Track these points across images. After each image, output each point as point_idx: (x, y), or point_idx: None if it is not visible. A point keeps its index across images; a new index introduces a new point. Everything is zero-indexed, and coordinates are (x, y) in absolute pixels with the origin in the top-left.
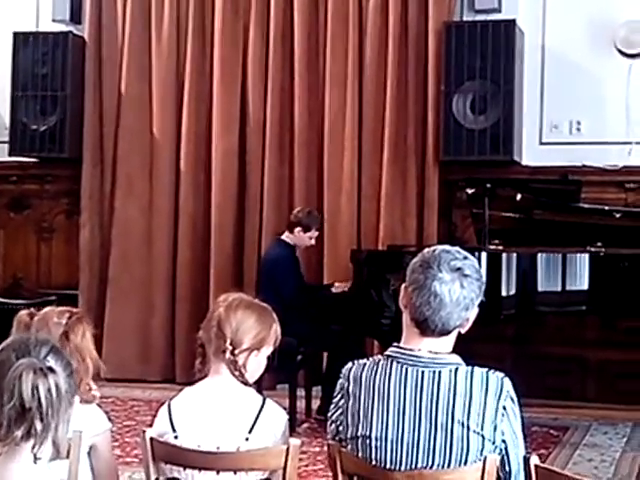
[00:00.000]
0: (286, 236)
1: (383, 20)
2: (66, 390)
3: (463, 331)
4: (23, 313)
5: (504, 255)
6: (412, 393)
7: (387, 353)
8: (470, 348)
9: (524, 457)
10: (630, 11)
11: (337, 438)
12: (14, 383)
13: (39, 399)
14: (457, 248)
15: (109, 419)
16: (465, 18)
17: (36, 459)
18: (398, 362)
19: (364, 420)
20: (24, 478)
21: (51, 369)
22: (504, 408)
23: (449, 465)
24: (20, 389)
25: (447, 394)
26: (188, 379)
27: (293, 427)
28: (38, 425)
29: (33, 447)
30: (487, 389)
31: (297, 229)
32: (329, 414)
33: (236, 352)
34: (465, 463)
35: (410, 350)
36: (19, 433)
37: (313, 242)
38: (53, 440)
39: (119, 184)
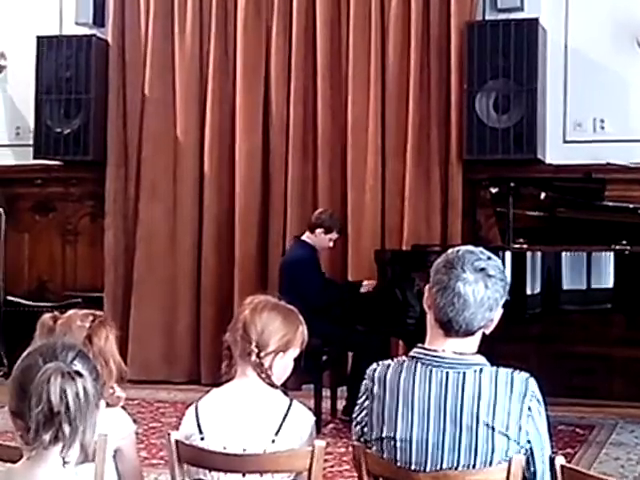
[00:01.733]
0: (307, 236)
1: (405, 19)
2: (93, 394)
3: (487, 332)
4: (47, 317)
5: (528, 254)
6: (437, 394)
7: (411, 354)
8: (495, 347)
9: (550, 457)
10: None
11: (362, 439)
12: (42, 387)
13: (67, 403)
14: (481, 248)
15: (134, 421)
16: (487, 17)
17: (65, 463)
18: (422, 363)
19: (389, 421)
20: None
21: (79, 373)
22: (529, 409)
23: (474, 466)
24: (48, 393)
25: (472, 395)
26: (213, 380)
27: (319, 428)
28: (66, 429)
29: (62, 451)
30: (512, 390)
31: (319, 230)
32: (354, 415)
33: (262, 354)
34: (490, 464)
35: (434, 351)
36: (47, 437)
37: (332, 244)
38: (81, 444)
39: (143, 186)
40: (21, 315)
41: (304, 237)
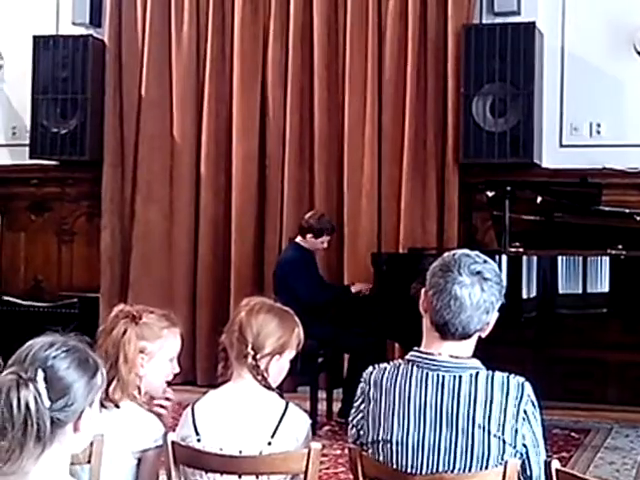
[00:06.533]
0: (299, 240)
1: (402, 22)
2: (50, 404)
3: (483, 335)
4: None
5: (524, 258)
6: (433, 397)
7: (407, 357)
8: (491, 351)
9: (545, 461)
10: None
11: (358, 442)
12: None
13: (3, 413)
14: (477, 252)
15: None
16: (484, 21)
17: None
18: (418, 366)
19: (385, 424)
20: None
21: (27, 382)
22: (525, 412)
23: (470, 469)
24: None
25: (468, 398)
26: (209, 382)
27: (314, 430)
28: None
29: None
30: (508, 393)
31: (308, 235)
32: (350, 418)
33: (258, 357)
34: (486, 467)
35: (430, 354)
36: None
37: (326, 245)
38: (22, 458)
39: (139, 187)
40: (16, 315)
41: (297, 240)
